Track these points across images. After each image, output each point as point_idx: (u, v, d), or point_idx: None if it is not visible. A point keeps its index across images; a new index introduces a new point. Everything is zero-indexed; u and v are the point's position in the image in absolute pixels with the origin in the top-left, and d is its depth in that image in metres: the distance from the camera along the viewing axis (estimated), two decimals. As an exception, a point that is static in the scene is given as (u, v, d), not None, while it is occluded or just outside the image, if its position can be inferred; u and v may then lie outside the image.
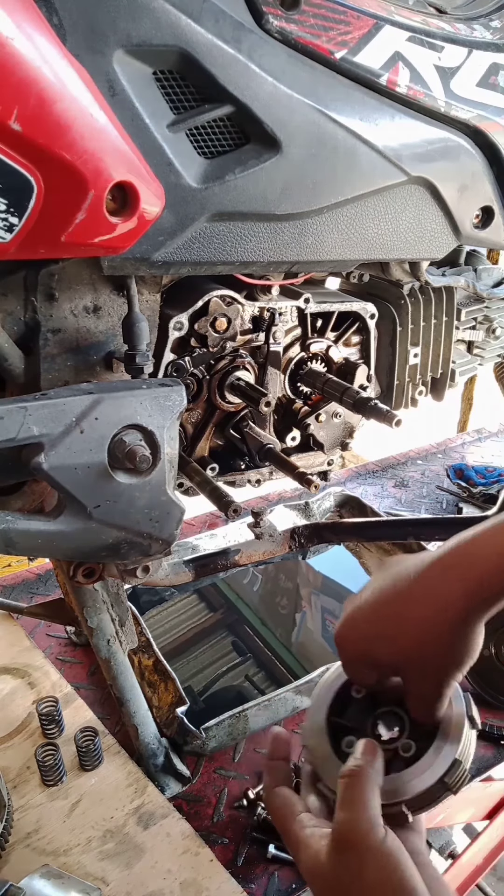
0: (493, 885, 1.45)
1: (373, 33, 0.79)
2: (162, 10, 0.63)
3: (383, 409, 0.96)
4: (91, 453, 0.65)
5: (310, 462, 1.12)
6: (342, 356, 1.09)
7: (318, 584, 1.53)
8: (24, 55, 0.52)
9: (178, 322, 0.87)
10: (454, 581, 0.60)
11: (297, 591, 1.52)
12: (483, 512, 1.72)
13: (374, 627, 0.63)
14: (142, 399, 0.68)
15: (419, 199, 0.91)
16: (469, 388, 2.48)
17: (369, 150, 0.82)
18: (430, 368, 1.20)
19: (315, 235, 0.83)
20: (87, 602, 0.96)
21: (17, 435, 0.61)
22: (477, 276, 1.23)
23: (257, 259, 0.80)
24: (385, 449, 2.14)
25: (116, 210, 0.63)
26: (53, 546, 0.67)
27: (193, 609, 1.44)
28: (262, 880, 0.94)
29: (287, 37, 0.73)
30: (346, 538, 1.32)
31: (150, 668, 1.17)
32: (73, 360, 0.78)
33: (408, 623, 0.61)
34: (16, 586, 1.48)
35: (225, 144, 0.73)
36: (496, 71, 0.92)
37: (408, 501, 1.85)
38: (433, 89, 0.86)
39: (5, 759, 1.06)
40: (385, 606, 0.63)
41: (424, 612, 0.60)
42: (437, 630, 0.60)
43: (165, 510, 0.73)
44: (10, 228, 0.57)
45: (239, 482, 1.06)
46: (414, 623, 0.60)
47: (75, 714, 1.14)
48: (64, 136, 0.56)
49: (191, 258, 0.74)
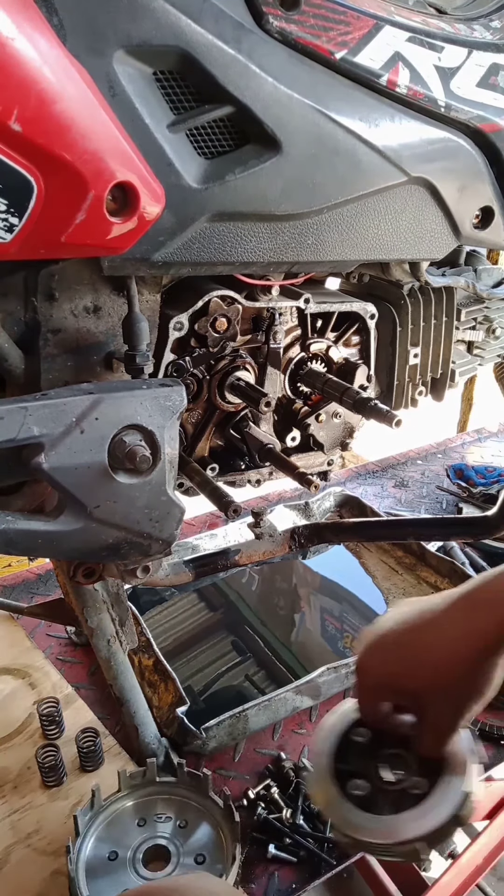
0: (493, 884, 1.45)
1: (373, 33, 0.79)
2: (162, 11, 0.63)
3: (383, 409, 0.96)
4: (91, 453, 0.65)
5: (310, 462, 1.12)
6: (342, 356, 1.09)
7: (317, 585, 1.53)
8: (25, 55, 0.52)
9: (178, 322, 0.87)
10: (484, 614, 0.61)
11: (294, 591, 1.52)
12: (483, 512, 1.72)
13: (400, 655, 0.64)
14: (142, 399, 0.68)
15: (419, 200, 0.91)
16: (469, 388, 2.48)
17: (369, 151, 0.82)
18: (430, 368, 1.20)
19: (315, 236, 0.83)
20: (87, 602, 0.96)
21: (18, 435, 0.61)
22: (477, 276, 1.23)
23: (257, 259, 0.80)
24: (385, 449, 2.14)
25: (116, 210, 0.63)
26: (53, 546, 0.67)
27: (193, 609, 1.44)
28: (262, 880, 0.94)
29: (287, 37, 0.73)
30: (346, 538, 1.32)
31: (150, 668, 1.17)
32: (73, 361, 0.78)
33: (434, 652, 0.62)
34: (16, 586, 1.48)
35: (225, 145, 0.73)
36: (496, 71, 0.92)
37: (408, 501, 1.85)
38: (433, 89, 0.86)
39: (6, 760, 1.06)
40: (411, 635, 0.64)
41: (452, 643, 0.62)
42: (463, 661, 0.61)
43: (165, 510, 0.73)
44: (11, 229, 0.57)
45: (239, 482, 1.06)
46: (441, 653, 0.62)
47: (76, 715, 1.14)
48: (64, 137, 0.56)
49: (191, 258, 0.74)
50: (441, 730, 0.64)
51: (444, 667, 0.62)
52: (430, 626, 0.64)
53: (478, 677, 0.62)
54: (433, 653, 0.62)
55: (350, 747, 0.67)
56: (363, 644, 0.67)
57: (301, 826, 0.98)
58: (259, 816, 0.99)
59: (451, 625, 0.63)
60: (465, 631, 0.62)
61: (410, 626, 0.65)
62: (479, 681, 0.62)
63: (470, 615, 0.62)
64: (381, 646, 0.66)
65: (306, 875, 0.95)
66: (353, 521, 1.37)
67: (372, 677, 0.65)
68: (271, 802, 1.02)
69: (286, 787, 1.04)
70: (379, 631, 0.67)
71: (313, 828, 0.99)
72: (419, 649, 0.63)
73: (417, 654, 0.63)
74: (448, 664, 0.62)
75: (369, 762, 0.66)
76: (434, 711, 0.64)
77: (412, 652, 0.64)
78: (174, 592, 1.46)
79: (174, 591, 1.46)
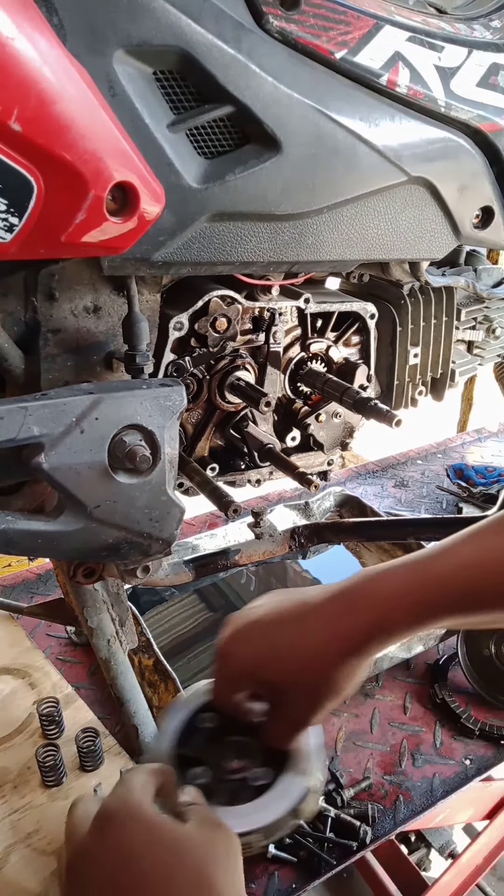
0: (493, 884, 1.45)
1: (373, 33, 0.79)
2: (162, 11, 0.63)
3: (383, 409, 0.96)
4: (91, 453, 0.65)
5: (310, 462, 1.12)
6: (342, 356, 1.09)
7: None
8: (25, 55, 0.52)
9: (178, 322, 0.87)
10: (358, 613, 0.61)
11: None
12: (483, 512, 1.72)
13: (267, 645, 0.64)
14: (142, 399, 0.68)
15: (419, 200, 0.91)
16: (469, 388, 2.48)
17: (369, 151, 0.82)
18: (430, 368, 1.20)
19: (315, 235, 0.83)
20: (87, 602, 0.96)
21: (18, 435, 0.61)
22: (477, 276, 1.23)
23: (257, 259, 0.80)
24: (385, 449, 2.14)
25: (116, 210, 0.63)
26: (53, 546, 0.67)
27: (193, 609, 1.44)
28: (263, 880, 0.94)
29: (287, 37, 0.73)
30: (346, 538, 1.32)
31: (150, 668, 1.17)
32: (73, 360, 0.78)
33: (300, 649, 0.62)
34: (16, 586, 1.48)
35: (225, 145, 0.73)
36: (496, 71, 0.92)
37: (408, 501, 1.85)
38: (433, 89, 0.86)
39: (5, 760, 1.06)
40: (282, 626, 0.64)
41: (320, 641, 0.62)
42: (328, 660, 0.61)
43: (165, 510, 0.73)
44: (11, 229, 0.57)
45: (239, 482, 1.06)
46: (307, 650, 0.62)
47: (76, 715, 1.14)
48: (64, 137, 0.56)
49: (191, 258, 0.74)
50: (293, 723, 0.64)
51: (309, 663, 0.62)
52: (300, 621, 0.64)
53: (340, 677, 0.62)
54: (299, 649, 0.62)
55: (196, 731, 0.66)
56: (229, 629, 0.66)
57: (301, 826, 0.98)
58: (259, 816, 0.99)
59: (322, 622, 0.62)
60: (333, 631, 0.62)
61: (281, 617, 0.65)
62: (340, 680, 0.62)
63: (341, 614, 0.62)
64: (248, 634, 0.65)
65: (306, 875, 0.95)
66: (353, 521, 1.38)
67: (233, 665, 0.65)
68: (271, 802, 1.02)
69: (286, 787, 1.04)
70: (248, 618, 0.66)
71: (313, 828, 0.99)
72: (286, 642, 0.63)
73: (283, 646, 0.63)
74: (313, 661, 0.62)
75: (214, 748, 0.65)
76: (289, 704, 0.63)
77: (278, 644, 0.63)
78: (174, 592, 1.46)
79: (174, 591, 1.46)
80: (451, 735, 1.16)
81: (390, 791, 1.06)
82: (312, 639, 0.62)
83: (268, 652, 0.63)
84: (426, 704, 1.21)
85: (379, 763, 1.11)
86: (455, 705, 1.18)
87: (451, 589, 0.59)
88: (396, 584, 0.61)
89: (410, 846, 1.32)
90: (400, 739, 1.14)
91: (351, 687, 0.63)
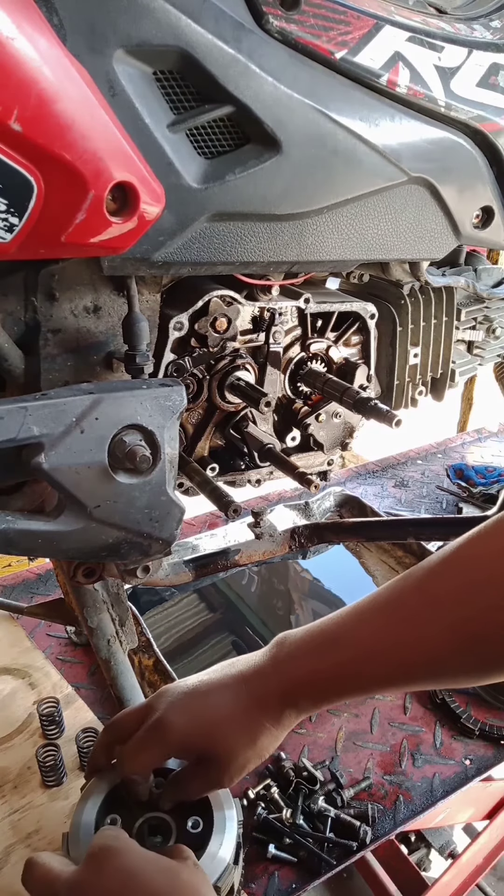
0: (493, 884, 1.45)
1: (373, 33, 0.79)
2: (162, 11, 0.63)
3: (383, 409, 0.96)
4: (91, 453, 0.65)
5: (310, 462, 1.12)
6: (342, 356, 1.09)
7: (306, 589, 1.53)
8: (25, 55, 0.52)
9: (178, 322, 0.87)
10: (271, 695, 0.69)
11: (289, 593, 1.52)
12: (483, 512, 1.72)
13: (199, 716, 0.70)
14: (142, 399, 0.68)
15: (419, 200, 0.91)
16: (469, 388, 2.48)
17: (369, 151, 0.82)
18: (430, 368, 1.20)
19: (315, 235, 0.83)
20: (87, 602, 0.96)
21: (18, 435, 0.61)
22: (477, 276, 1.23)
23: (257, 259, 0.80)
24: (385, 449, 2.14)
25: (116, 210, 0.63)
26: (53, 546, 0.67)
27: (193, 609, 1.44)
28: (262, 880, 0.94)
29: (287, 37, 0.73)
30: (346, 538, 1.32)
31: (150, 668, 1.17)
32: (73, 360, 0.78)
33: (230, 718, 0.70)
34: (16, 586, 1.48)
35: (225, 145, 0.73)
36: (496, 71, 0.92)
37: (408, 501, 1.85)
38: (433, 89, 0.86)
39: (6, 760, 1.06)
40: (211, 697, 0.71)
41: (247, 712, 0.69)
42: (253, 728, 0.69)
43: (165, 510, 0.73)
44: (11, 229, 0.57)
45: (239, 482, 1.06)
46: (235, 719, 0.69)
47: (76, 715, 1.14)
48: (64, 137, 0.56)
49: (191, 258, 0.74)
50: (214, 782, 0.72)
51: (237, 729, 0.69)
52: (223, 690, 0.71)
53: (264, 744, 0.70)
54: (226, 720, 0.69)
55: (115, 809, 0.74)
56: (165, 700, 0.72)
57: (301, 826, 0.98)
58: (259, 816, 0.99)
59: (245, 697, 0.70)
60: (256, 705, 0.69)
61: (210, 688, 0.72)
62: (264, 747, 0.70)
63: (260, 694, 0.70)
64: (183, 705, 0.71)
65: (306, 875, 0.95)
66: (353, 521, 1.38)
67: (169, 736, 0.69)
68: (271, 802, 1.02)
69: (286, 787, 1.04)
70: (183, 689, 0.73)
71: (313, 828, 0.99)
72: (216, 715, 0.70)
73: (213, 717, 0.70)
74: (240, 728, 0.69)
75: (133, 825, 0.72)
76: (212, 766, 0.70)
77: (209, 715, 0.70)
78: (174, 592, 1.46)
79: (174, 591, 1.46)
80: (451, 735, 1.16)
81: (390, 791, 1.06)
82: (238, 711, 0.69)
83: (199, 721, 0.70)
84: (426, 704, 1.21)
85: (379, 763, 1.11)
86: (455, 705, 1.18)
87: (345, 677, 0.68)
88: (300, 672, 0.69)
89: (410, 846, 1.32)
90: (400, 739, 1.15)
91: (271, 751, 0.71)
